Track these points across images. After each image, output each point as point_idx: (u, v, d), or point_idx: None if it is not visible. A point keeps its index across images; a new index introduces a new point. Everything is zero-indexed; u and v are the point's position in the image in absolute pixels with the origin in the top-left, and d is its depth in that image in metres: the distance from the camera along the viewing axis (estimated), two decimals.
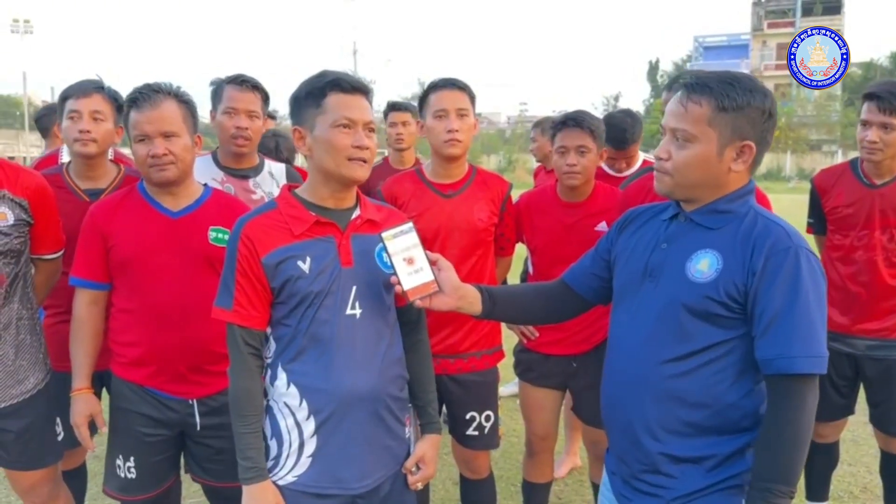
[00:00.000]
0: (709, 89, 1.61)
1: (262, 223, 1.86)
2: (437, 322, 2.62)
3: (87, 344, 2.32)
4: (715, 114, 1.60)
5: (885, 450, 3.14)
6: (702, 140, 1.61)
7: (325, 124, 1.84)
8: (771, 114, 1.64)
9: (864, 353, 2.99)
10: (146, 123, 2.21)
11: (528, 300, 2.02)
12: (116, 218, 2.29)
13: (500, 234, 2.83)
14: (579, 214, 2.87)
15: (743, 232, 1.61)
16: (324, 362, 1.83)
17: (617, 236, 1.88)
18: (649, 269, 1.71)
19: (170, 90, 2.27)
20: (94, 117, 2.64)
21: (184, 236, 2.27)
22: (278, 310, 1.87)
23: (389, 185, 2.81)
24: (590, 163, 2.81)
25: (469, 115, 2.67)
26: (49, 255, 2.50)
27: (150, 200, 2.31)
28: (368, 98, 1.91)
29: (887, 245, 2.92)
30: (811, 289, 1.54)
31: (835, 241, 3.03)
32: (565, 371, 2.91)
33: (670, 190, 1.70)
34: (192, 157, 2.31)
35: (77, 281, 2.33)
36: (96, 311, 2.34)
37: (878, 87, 2.88)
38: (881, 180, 2.94)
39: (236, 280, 1.84)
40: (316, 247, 1.85)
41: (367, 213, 1.95)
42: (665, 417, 1.63)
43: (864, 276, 2.95)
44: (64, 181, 2.69)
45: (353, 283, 1.86)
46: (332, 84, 1.85)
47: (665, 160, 1.67)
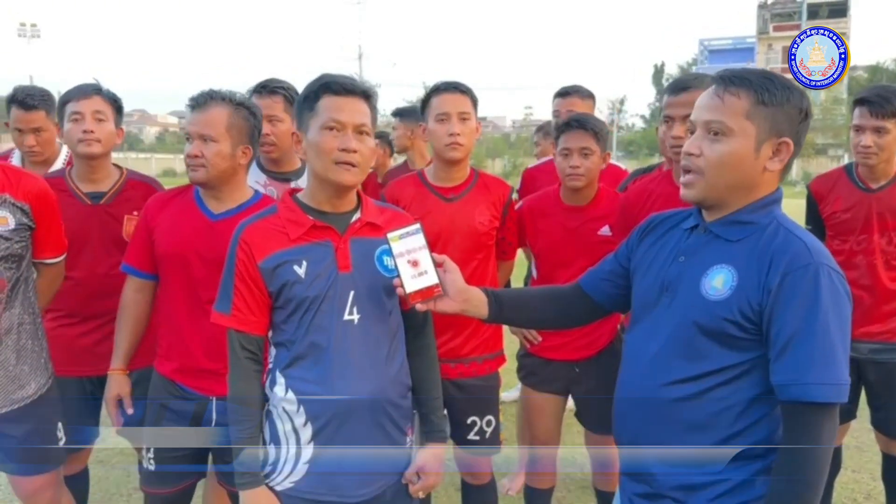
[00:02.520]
0: (748, 81, 1.52)
1: (260, 228, 1.87)
2: (439, 326, 2.60)
3: (129, 327, 2.43)
4: (754, 107, 1.51)
5: (886, 453, 3.13)
6: (739, 134, 1.51)
7: (315, 126, 1.84)
8: (807, 114, 1.55)
9: (866, 356, 2.99)
10: (191, 124, 2.30)
11: (538, 304, 1.96)
12: (164, 212, 2.38)
13: (502, 237, 2.82)
14: (582, 218, 2.86)
15: (762, 245, 1.51)
16: (320, 369, 1.82)
17: (637, 244, 1.79)
18: (666, 283, 1.63)
19: (223, 97, 2.32)
20: (97, 118, 2.68)
21: (218, 239, 2.26)
22: (277, 314, 1.87)
23: (391, 188, 2.82)
24: (593, 165, 2.80)
25: (471, 118, 2.67)
26: (51, 260, 2.50)
27: (197, 201, 2.38)
28: (369, 100, 1.89)
29: (886, 248, 2.94)
30: (831, 309, 1.43)
31: (834, 246, 3.02)
32: (567, 376, 2.90)
33: (701, 195, 1.58)
34: (227, 165, 2.31)
35: (126, 267, 2.44)
36: (141, 298, 2.43)
37: (869, 93, 2.91)
38: (877, 184, 2.97)
39: (235, 285, 1.85)
40: (312, 251, 1.84)
41: (369, 215, 1.93)
42: (671, 440, 1.56)
43: (864, 281, 2.95)
44: (66, 184, 2.71)
45: (351, 288, 1.85)
46: (324, 86, 1.85)
47: (697, 156, 1.56)
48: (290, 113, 2.92)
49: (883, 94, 2.85)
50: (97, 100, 2.70)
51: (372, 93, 1.91)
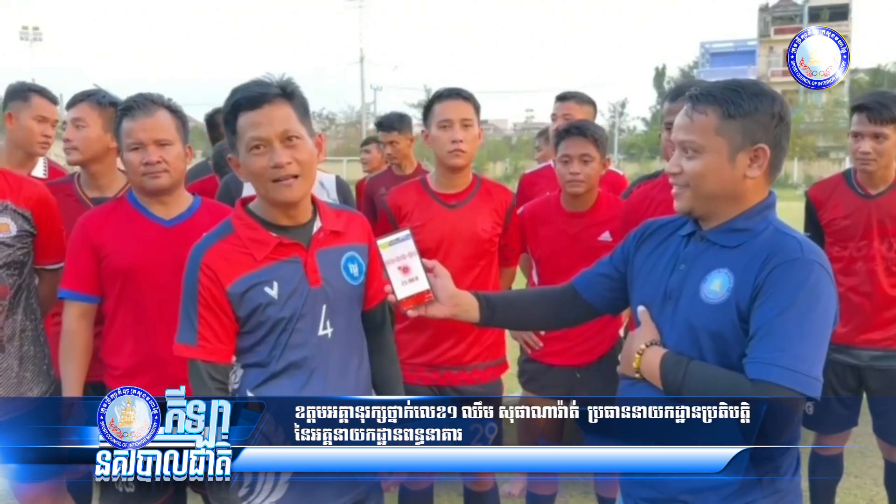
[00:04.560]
0: (713, 98, 1.58)
1: (221, 250, 1.77)
2: (441, 333, 2.62)
3: (79, 358, 2.29)
4: (722, 122, 1.57)
5: (889, 460, 3.13)
6: (710, 150, 1.58)
7: (242, 149, 1.74)
8: (781, 117, 1.59)
9: (867, 363, 2.98)
10: (140, 131, 2.21)
11: (530, 305, 1.97)
12: (107, 228, 2.28)
13: (505, 244, 2.82)
14: (583, 224, 2.86)
15: (757, 248, 1.56)
16: (296, 386, 1.78)
17: (634, 250, 1.82)
18: (668, 292, 1.67)
19: (162, 100, 2.28)
20: (76, 125, 2.70)
21: (178, 244, 2.23)
22: (245, 339, 1.80)
23: (394, 194, 2.83)
24: (593, 171, 2.80)
25: (473, 125, 2.68)
26: (53, 266, 2.50)
27: (141, 210, 2.29)
28: (291, 99, 1.74)
29: (886, 255, 2.94)
30: (813, 301, 1.48)
31: (833, 253, 3.02)
32: (569, 381, 2.90)
33: (690, 206, 1.64)
34: (184, 166, 2.31)
35: (67, 294, 2.29)
36: (86, 324, 2.30)
37: (867, 99, 2.91)
38: (876, 190, 2.96)
39: (199, 314, 1.75)
40: (282, 269, 1.77)
41: (328, 223, 1.87)
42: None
43: (865, 287, 2.95)
44: (73, 190, 2.75)
45: (323, 303, 1.81)
46: (236, 105, 1.72)
47: (678, 173, 1.64)
48: None
49: (881, 101, 2.85)
50: (80, 107, 2.74)
51: (291, 88, 1.75)
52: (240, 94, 1.73)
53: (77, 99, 2.76)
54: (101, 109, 2.74)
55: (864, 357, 2.98)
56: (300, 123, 1.74)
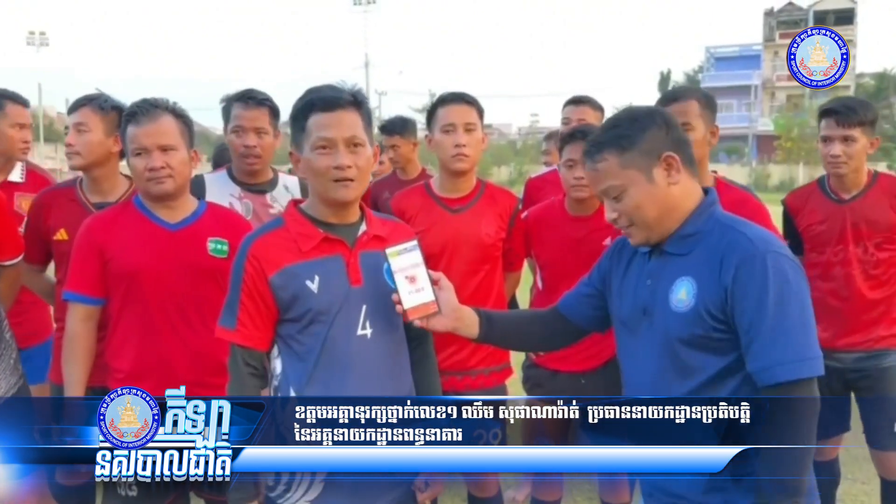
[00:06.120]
0: (603, 144, 1.69)
1: (269, 241, 1.85)
2: (445, 338, 2.60)
3: (82, 360, 2.32)
4: (622, 158, 1.67)
5: (883, 477, 3.12)
6: (629, 183, 1.67)
7: (307, 147, 1.83)
8: (667, 122, 1.69)
9: (851, 366, 3.02)
10: (144, 137, 2.23)
11: (524, 327, 2.04)
12: (114, 231, 2.31)
13: (509, 249, 2.82)
14: (587, 228, 2.85)
15: (710, 249, 1.64)
16: (335, 386, 1.81)
17: (608, 268, 1.89)
18: (642, 307, 1.74)
19: (167, 105, 2.30)
20: (78, 130, 2.70)
21: (184, 248, 2.29)
22: (291, 327, 1.85)
23: (398, 199, 2.84)
24: None
25: (477, 129, 2.68)
26: (9, 262, 2.54)
27: (147, 214, 2.32)
28: (360, 108, 1.85)
29: (863, 258, 2.98)
30: (785, 290, 1.55)
31: (811, 258, 3.06)
32: (574, 387, 2.88)
33: (645, 237, 1.72)
34: (188, 171, 2.33)
35: (71, 295, 2.32)
36: (90, 326, 2.33)
37: (835, 103, 2.99)
38: (849, 195, 3.01)
39: (241, 300, 1.84)
40: (324, 265, 1.84)
41: (374, 228, 1.93)
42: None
43: (843, 292, 2.99)
44: (76, 194, 2.75)
45: (363, 303, 1.85)
46: (309, 104, 1.83)
47: (617, 217, 1.72)
48: (273, 125, 2.94)
49: (848, 104, 2.93)
50: (82, 111, 2.72)
51: (361, 98, 1.87)
52: (314, 96, 1.83)
53: (79, 104, 2.76)
54: (102, 114, 2.73)
55: (847, 361, 3.01)
56: (364, 132, 1.84)
